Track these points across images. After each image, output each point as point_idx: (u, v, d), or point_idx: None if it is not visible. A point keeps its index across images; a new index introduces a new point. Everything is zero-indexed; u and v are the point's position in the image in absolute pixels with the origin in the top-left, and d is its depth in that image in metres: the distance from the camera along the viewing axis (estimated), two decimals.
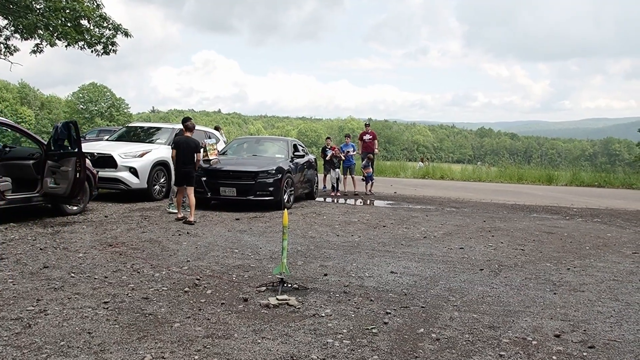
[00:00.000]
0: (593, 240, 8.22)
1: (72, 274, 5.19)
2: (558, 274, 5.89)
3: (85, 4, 15.28)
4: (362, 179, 15.12)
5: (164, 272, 5.39)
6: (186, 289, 4.82)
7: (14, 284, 4.78)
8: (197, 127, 11.49)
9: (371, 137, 15.70)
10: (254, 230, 8.08)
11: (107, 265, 5.60)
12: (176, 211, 9.05)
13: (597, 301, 4.89)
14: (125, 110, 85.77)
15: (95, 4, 15.77)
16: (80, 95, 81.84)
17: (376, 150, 15.66)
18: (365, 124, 16.99)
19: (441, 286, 5.23)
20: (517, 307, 4.63)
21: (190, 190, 8.89)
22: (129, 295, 4.58)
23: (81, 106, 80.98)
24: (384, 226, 8.95)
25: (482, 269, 6.01)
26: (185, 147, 8.85)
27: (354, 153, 14.76)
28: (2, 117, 9.53)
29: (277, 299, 4.51)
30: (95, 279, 5.07)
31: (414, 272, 5.78)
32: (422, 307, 4.53)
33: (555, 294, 5.09)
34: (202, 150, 9.67)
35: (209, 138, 11.77)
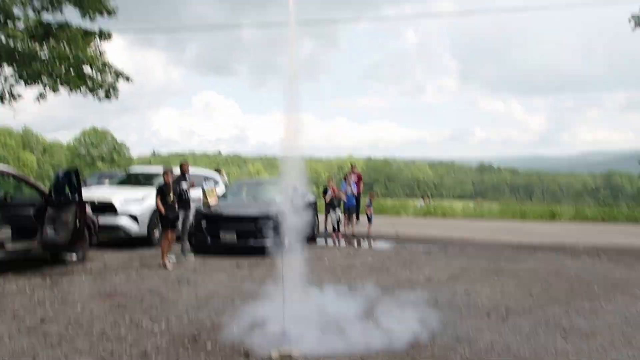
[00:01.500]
0: (601, 281, 8.06)
1: (70, 328, 5.07)
2: (568, 319, 5.74)
3: (89, 53, 15.59)
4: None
5: (163, 326, 5.26)
6: (185, 340, 4.69)
7: (10, 341, 4.66)
8: (196, 172, 11.45)
9: (357, 178, 15.72)
10: (255, 277, 7.94)
11: (106, 318, 5.47)
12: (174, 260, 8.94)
13: (610, 347, 4.75)
14: (127, 154, 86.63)
15: (99, 52, 16.10)
16: (82, 139, 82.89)
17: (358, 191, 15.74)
18: (352, 165, 17.01)
19: (448, 335, 5.09)
20: (529, 356, 4.48)
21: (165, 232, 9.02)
22: (127, 351, 4.45)
23: (83, 150, 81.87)
24: (387, 269, 8.81)
25: (489, 314, 5.87)
26: None
27: (347, 190, 14.42)
28: (4, 166, 9.56)
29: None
30: (93, 333, 4.95)
31: (419, 319, 5.63)
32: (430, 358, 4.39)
33: (566, 340, 4.94)
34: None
35: (205, 181, 11.59)
